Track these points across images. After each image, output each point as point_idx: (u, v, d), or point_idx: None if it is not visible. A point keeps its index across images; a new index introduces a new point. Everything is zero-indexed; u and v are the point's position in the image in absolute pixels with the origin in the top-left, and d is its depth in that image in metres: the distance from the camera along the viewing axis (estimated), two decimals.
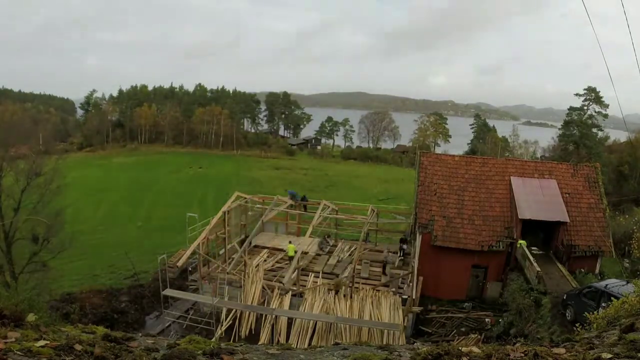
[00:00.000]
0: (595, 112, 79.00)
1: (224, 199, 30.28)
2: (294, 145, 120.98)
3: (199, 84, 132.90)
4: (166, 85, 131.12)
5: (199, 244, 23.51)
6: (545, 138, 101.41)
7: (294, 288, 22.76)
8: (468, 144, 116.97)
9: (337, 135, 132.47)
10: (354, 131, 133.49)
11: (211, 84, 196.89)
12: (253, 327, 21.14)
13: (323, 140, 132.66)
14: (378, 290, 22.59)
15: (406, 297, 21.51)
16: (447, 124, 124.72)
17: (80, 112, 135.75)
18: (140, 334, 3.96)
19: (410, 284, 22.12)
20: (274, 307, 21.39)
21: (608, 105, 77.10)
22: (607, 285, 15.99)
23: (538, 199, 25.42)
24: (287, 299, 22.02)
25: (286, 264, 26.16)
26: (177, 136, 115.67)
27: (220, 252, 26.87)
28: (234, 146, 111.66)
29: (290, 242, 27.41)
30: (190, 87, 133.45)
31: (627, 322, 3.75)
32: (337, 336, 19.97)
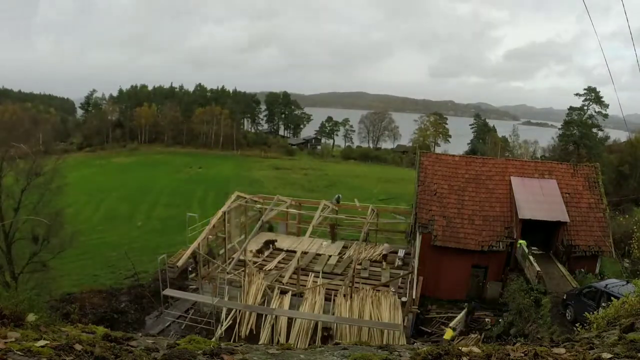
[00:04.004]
0: (595, 112, 79.11)
1: (224, 199, 30.30)
2: (294, 145, 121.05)
3: (199, 84, 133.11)
4: (166, 85, 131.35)
5: (198, 244, 23.50)
6: (545, 138, 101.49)
7: (292, 287, 22.76)
8: (468, 144, 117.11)
9: (337, 135, 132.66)
10: (354, 131, 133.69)
11: (211, 83, 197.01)
12: (253, 327, 21.13)
13: (323, 140, 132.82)
14: (378, 290, 22.59)
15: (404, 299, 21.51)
16: (447, 124, 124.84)
17: (80, 112, 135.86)
18: (140, 334, 3.96)
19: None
20: (274, 307, 21.38)
21: (608, 105, 77.21)
22: (607, 285, 16.00)
23: (538, 199, 25.41)
24: (287, 299, 22.02)
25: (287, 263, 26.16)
26: (177, 136, 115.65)
27: (220, 252, 26.87)
28: (234, 146, 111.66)
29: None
30: (190, 87, 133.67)
31: (627, 322, 3.75)
32: (337, 336, 19.97)
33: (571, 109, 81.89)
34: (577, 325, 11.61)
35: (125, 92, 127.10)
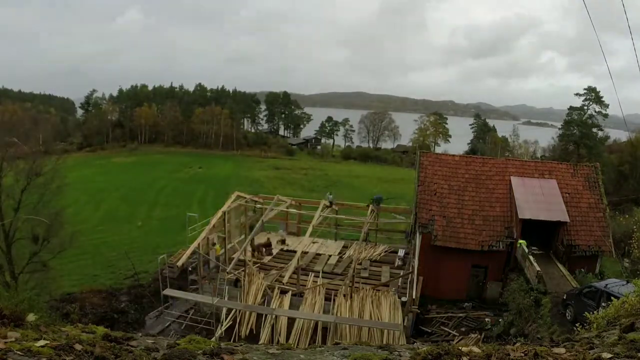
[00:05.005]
0: (595, 111, 79.10)
1: (224, 199, 30.30)
2: (294, 145, 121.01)
3: (199, 84, 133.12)
4: (166, 85, 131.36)
5: (199, 244, 23.50)
6: (546, 138, 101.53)
7: (292, 287, 22.75)
8: (468, 144, 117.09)
9: (337, 135, 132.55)
10: (354, 131, 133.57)
11: (212, 83, 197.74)
12: (253, 327, 21.13)
13: (323, 140, 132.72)
14: (378, 290, 22.58)
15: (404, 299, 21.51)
16: (447, 124, 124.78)
17: (80, 112, 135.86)
18: (140, 334, 3.97)
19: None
20: (274, 307, 21.38)
21: (608, 105, 77.18)
22: (607, 285, 15.98)
23: (538, 199, 25.41)
24: (287, 299, 22.01)
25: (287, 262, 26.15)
26: (177, 136, 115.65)
27: (221, 252, 26.87)
28: (234, 146, 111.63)
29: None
30: (190, 87, 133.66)
31: (627, 322, 3.75)
32: (337, 336, 19.95)
33: (571, 108, 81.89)
34: (577, 325, 11.60)
35: (125, 92, 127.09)
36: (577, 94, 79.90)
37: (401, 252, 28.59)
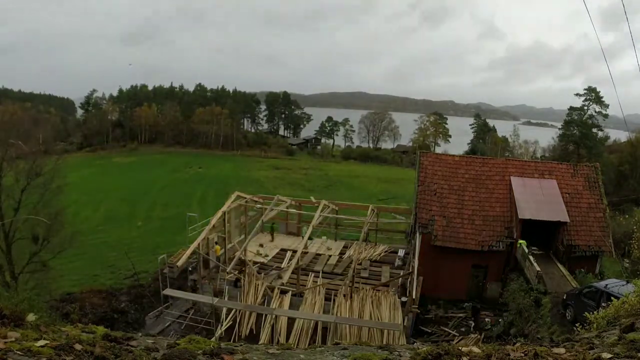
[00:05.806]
0: (595, 112, 79.12)
1: (224, 199, 30.31)
2: (294, 145, 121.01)
3: (199, 84, 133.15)
4: (166, 85, 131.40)
5: (199, 244, 23.49)
6: (546, 138, 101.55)
7: (290, 287, 22.74)
8: (468, 144, 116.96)
9: (337, 135, 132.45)
10: (354, 131, 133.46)
11: (211, 83, 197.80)
12: (253, 327, 21.12)
13: (323, 140, 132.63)
14: (378, 290, 22.58)
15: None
16: (447, 124, 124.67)
17: (80, 112, 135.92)
18: (140, 334, 3.97)
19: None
20: (274, 307, 21.37)
21: (608, 105, 77.20)
22: (607, 285, 15.98)
23: (538, 199, 25.41)
24: (287, 299, 22.01)
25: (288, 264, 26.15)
26: (177, 136, 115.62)
27: (221, 252, 26.86)
28: (234, 146, 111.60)
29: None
30: (190, 87, 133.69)
31: (627, 322, 3.75)
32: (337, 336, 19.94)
33: (571, 109, 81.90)
34: (577, 325, 11.61)
35: (125, 92, 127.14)
36: (577, 94, 80.00)
37: (401, 252, 28.58)
